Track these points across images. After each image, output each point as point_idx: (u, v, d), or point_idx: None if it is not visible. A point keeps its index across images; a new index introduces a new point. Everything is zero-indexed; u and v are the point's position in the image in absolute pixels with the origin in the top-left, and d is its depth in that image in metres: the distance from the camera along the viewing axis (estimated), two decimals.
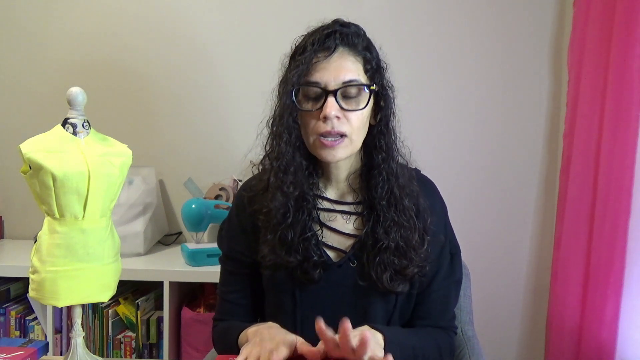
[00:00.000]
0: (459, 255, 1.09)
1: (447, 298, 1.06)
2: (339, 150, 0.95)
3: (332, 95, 0.92)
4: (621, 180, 1.43)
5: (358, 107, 0.94)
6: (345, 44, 0.95)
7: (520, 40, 1.92)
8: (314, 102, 0.95)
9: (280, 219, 0.98)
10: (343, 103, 0.93)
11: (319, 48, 0.94)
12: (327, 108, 0.92)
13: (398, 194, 0.98)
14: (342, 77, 0.93)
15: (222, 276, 1.12)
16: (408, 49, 1.94)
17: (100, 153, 0.88)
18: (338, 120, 0.93)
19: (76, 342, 0.92)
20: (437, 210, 1.05)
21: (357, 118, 0.94)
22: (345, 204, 1.03)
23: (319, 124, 0.94)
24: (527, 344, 2.01)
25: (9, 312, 1.76)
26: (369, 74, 0.97)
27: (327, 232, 1.03)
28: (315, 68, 0.94)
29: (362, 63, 0.96)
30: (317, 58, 0.94)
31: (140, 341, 1.73)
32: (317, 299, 1.01)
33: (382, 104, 0.99)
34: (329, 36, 0.95)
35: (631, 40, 1.40)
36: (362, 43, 0.97)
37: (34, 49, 2.02)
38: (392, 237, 0.97)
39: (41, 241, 0.87)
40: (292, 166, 0.97)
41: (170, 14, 1.98)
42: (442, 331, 1.05)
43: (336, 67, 0.93)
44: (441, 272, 1.04)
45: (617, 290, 1.44)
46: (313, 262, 0.98)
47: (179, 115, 2.01)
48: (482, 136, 1.96)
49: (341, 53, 0.95)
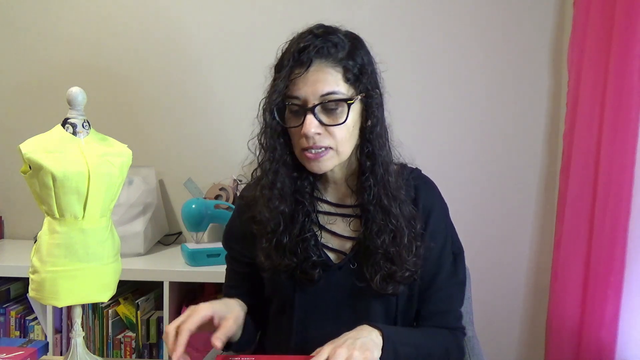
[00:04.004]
0: (462, 255, 1.08)
1: (451, 298, 1.05)
2: (324, 162, 0.94)
3: (310, 112, 0.91)
4: (621, 180, 1.43)
5: (338, 121, 0.92)
6: (321, 55, 0.92)
7: (520, 40, 1.92)
8: (296, 118, 0.94)
9: (273, 227, 0.99)
10: (323, 118, 0.92)
11: (294, 64, 0.92)
12: (306, 126, 0.91)
13: (386, 202, 0.96)
14: (320, 91, 0.91)
15: (226, 273, 1.14)
16: (408, 49, 1.94)
17: (100, 153, 0.88)
18: (320, 136, 0.92)
19: (76, 342, 0.92)
20: (437, 209, 1.04)
21: (340, 131, 0.93)
22: (345, 206, 1.03)
23: (302, 140, 0.93)
24: (527, 344, 2.01)
25: (9, 312, 1.75)
26: (350, 83, 0.93)
27: (327, 235, 1.03)
28: (294, 83, 0.92)
29: (342, 72, 0.92)
30: (295, 74, 0.92)
31: (140, 341, 1.73)
32: (318, 301, 1.01)
33: (369, 111, 0.96)
34: (304, 50, 0.91)
35: (631, 40, 1.40)
36: (341, 51, 0.93)
37: (34, 49, 2.02)
38: (380, 242, 0.96)
39: (41, 241, 0.87)
40: (277, 182, 0.97)
41: (170, 14, 1.98)
42: (449, 332, 1.04)
43: (313, 80, 0.91)
44: (443, 272, 1.03)
45: (617, 290, 1.44)
46: (312, 262, 0.99)
47: (179, 115, 2.01)
48: (482, 136, 1.96)
49: (318, 66, 0.91)
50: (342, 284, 1.00)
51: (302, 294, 1.01)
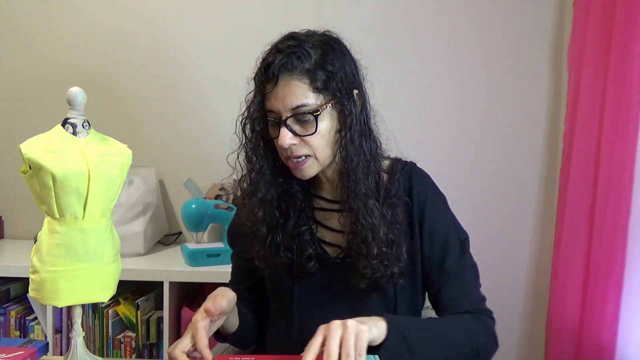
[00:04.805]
0: (468, 241, 1.07)
1: (464, 282, 1.04)
2: (305, 170, 0.98)
3: (283, 125, 0.94)
4: (621, 180, 1.43)
5: (309, 131, 0.94)
6: (286, 69, 0.93)
7: (520, 40, 1.92)
8: (274, 130, 0.97)
9: (265, 231, 1.02)
10: (297, 128, 0.95)
11: (264, 80, 0.96)
12: (280, 139, 0.94)
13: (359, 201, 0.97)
14: (289, 104, 0.93)
15: (231, 271, 1.18)
16: (408, 49, 1.93)
17: (100, 153, 0.88)
18: (296, 146, 0.95)
19: (76, 342, 0.92)
20: (432, 198, 1.05)
21: (314, 140, 0.95)
22: (340, 202, 1.04)
23: (282, 150, 0.97)
24: (527, 344, 2.01)
25: (9, 312, 1.75)
26: (319, 91, 0.94)
27: (323, 230, 1.05)
28: (267, 98, 0.96)
29: (309, 83, 0.94)
30: (267, 89, 0.95)
31: (140, 341, 1.73)
32: (317, 295, 1.03)
33: (341, 115, 0.97)
34: (269, 67, 0.94)
35: (631, 41, 1.40)
36: (307, 62, 0.94)
37: (34, 50, 2.02)
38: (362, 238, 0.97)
39: (41, 241, 0.87)
40: (259, 192, 1.00)
41: (170, 15, 1.98)
42: (470, 316, 1.01)
43: (283, 95, 0.94)
44: (451, 258, 1.03)
45: (617, 290, 1.44)
46: (308, 255, 1.01)
47: (179, 116, 2.01)
48: (482, 136, 1.96)
49: (285, 80, 0.94)
50: (339, 278, 1.01)
51: (300, 289, 1.04)
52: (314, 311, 1.03)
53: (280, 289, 1.07)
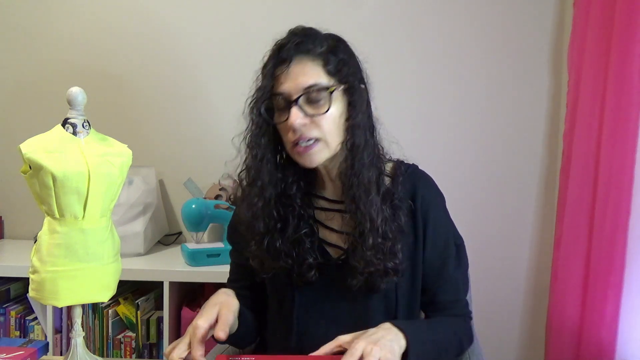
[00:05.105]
0: (463, 245, 1.10)
1: (458, 287, 1.08)
2: (314, 155, 0.96)
3: (294, 104, 0.93)
4: (621, 180, 1.43)
5: (322, 110, 0.94)
6: (301, 50, 0.95)
7: (520, 40, 1.92)
8: (283, 114, 0.96)
9: (262, 229, 1.00)
10: (308, 109, 0.94)
11: (277, 61, 0.96)
12: (291, 118, 0.93)
13: (356, 195, 0.96)
14: (302, 84, 0.93)
15: (230, 268, 1.17)
16: (407, 49, 1.93)
17: (100, 153, 0.88)
18: (306, 127, 0.94)
19: (76, 342, 0.92)
20: (436, 204, 1.06)
21: (326, 121, 0.94)
22: (342, 202, 1.04)
23: (290, 134, 0.95)
24: (527, 344, 2.01)
25: (9, 312, 1.75)
26: (331, 74, 0.96)
27: (325, 231, 1.04)
28: (277, 80, 0.95)
29: (322, 65, 0.95)
30: (277, 71, 0.95)
31: (140, 341, 1.73)
32: (317, 297, 1.03)
33: (351, 102, 0.97)
34: (283, 47, 0.96)
35: (631, 41, 1.40)
36: (321, 46, 0.96)
37: (34, 49, 2.02)
38: (359, 232, 0.97)
39: (41, 241, 0.87)
40: (258, 180, 0.98)
41: (170, 15, 1.98)
42: (458, 318, 1.06)
43: (295, 75, 0.94)
44: (449, 263, 1.05)
45: (617, 290, 1.44)
46: (307, 264, 1.00)
47: (179, 116, 2.01)
48: (481, 136, 1.96)
49: (298, 60, 0.95)
50: (340, 280, 1.01)
51: (301, 293, 1.03)
52: (315, 313, 1.03)
53: (280, 292, 1.06)
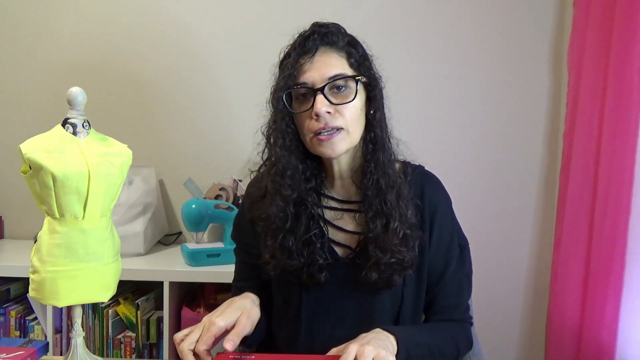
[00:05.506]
0: (467, 248, 1.10)
1: (460, 291, 1.07)
2: (337, 143, 0.95)
3: (319, 92, 0.94)
4: (621, 180, 1.43)
5: (347, 99, 0.95)
6: (325, 43, 0.97)
7: (520, 40, 1.92)
8: (305, 103, 0.96)
9: (279, 224, 0.99)
10: (332, 98, 0.95)
11: (301, 51, 0.96)
12: (317, 105, 0.93)
13: (383, 186, 0.97)
14: (327, 74, 0.94)
15: (235, 268, 1.16)
16: (407, 49, 1.94)
17: (100, 153, 0.88)
18: (330, 115, 0.94)
19: (76, 342, 0.92)
20: (443, 206, 1.06)
21: (349, 111, 0.95)
22: (351, 202, 1.04)
23: (312, 123, 0.95)
24: (527, 344, 2.01)
25: (9, 312, 1.75)
26: (354, 67, 0.98)
27: (334, 230, 1.04)
28: (301, 70, 0.95)
29: (346, 57, 0.97)
30: (301, 61, 0.95)
31: (140, 341, 1.73)
32: (325, 296, 1.03)
33: (372, 97, 0.99)
34: (309, 38, 0.96)
35: (631, 40, 1.40)
36: (343, 40, 0.98)
37: (34, 50, 2.02)
38: (373, 226, 0.97)
39: (41, 241, 0.87)
40: (288, 169, 0.98)
41: (170, 15, 1.98)
42: (457, 324, 1.06)
43: (320, 65, 0.95)
44: (451, 266, 1.05)
45: (617, 290, 1.44)
46: (318, 266, 1.00)
47: (178, 115, 2.01)
48: (482, 136, 1.96)
49: (323, 51, 0.96)
50: (348, 279, 1.01)
51: (309, 293, 1.03)
52: (323, 312, 1.03)
53: (287, 290, 1.05)
